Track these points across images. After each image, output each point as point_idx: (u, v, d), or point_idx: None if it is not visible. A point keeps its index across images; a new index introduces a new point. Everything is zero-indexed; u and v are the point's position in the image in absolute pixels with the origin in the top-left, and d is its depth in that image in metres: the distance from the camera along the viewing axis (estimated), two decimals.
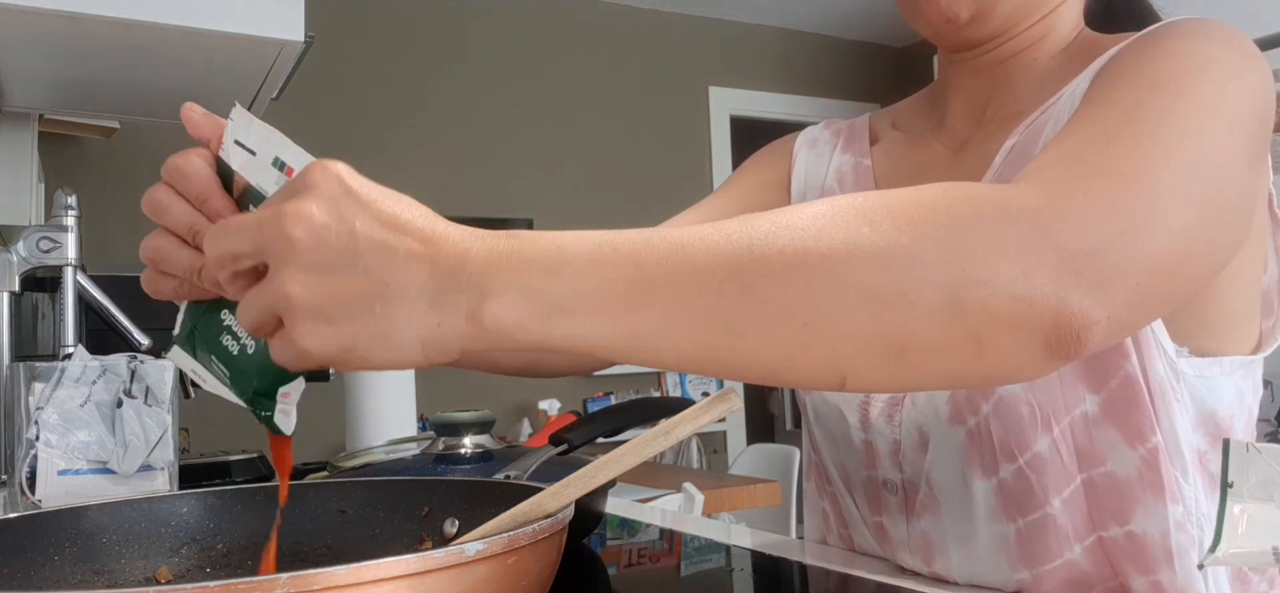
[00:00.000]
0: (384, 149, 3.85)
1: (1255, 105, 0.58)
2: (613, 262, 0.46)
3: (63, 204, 1.14)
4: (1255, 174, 0.59)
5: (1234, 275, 0.66)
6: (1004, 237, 0.46)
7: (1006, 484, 0.69)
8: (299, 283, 0.44)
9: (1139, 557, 0.66)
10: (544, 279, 0.45)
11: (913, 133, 0.85)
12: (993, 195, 0.48)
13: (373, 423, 1.60)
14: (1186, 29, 0.61)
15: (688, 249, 0.46)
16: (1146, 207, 0.50)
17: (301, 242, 0.44)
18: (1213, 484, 0.68)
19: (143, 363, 0.84)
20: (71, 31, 1.08)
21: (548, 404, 3.95)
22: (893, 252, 0.45)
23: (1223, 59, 0.58)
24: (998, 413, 0.68)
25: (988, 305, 0.45)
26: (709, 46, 4.73)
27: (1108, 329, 0.47)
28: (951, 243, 0.46)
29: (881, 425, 0.76)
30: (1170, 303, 0.54)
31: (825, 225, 0.46)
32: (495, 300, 0.45)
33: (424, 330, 0.45)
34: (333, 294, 0.44)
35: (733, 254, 0.46)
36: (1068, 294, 0.46)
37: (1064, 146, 0.54)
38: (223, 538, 0.62)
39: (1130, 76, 0.59)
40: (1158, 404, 0.65)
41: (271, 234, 0.45)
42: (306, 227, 0.44)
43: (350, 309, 0.45)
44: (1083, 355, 0.47)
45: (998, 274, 0.45)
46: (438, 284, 0.45)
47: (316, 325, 0.45)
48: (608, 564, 0.87)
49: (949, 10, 0.72)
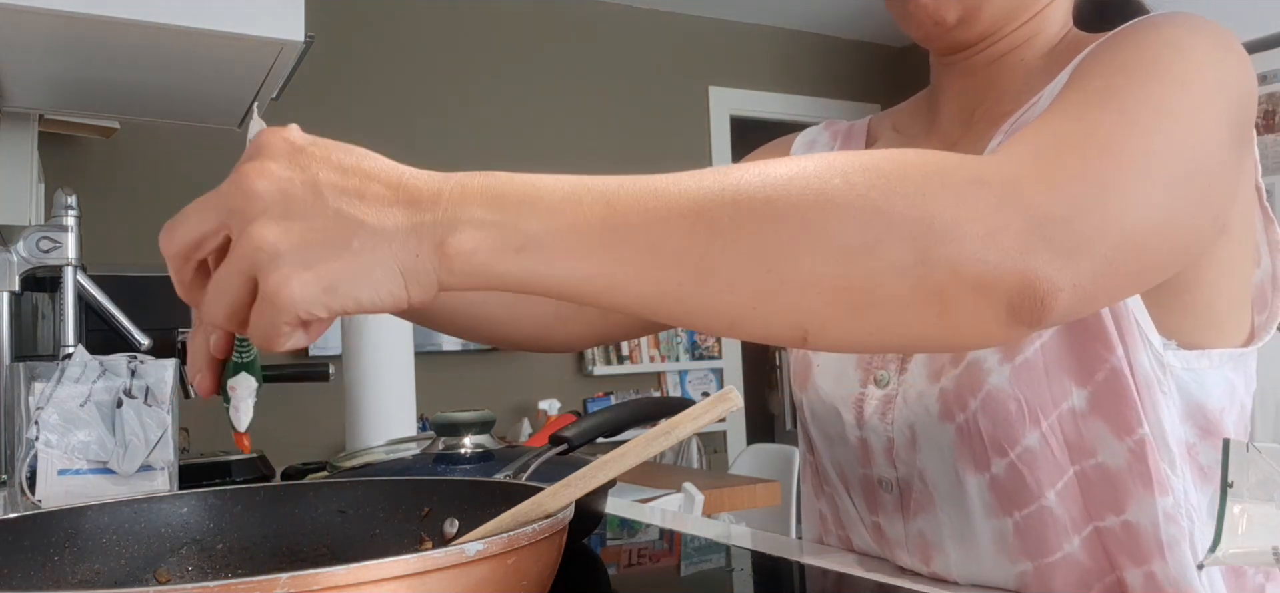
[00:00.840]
0: (384, 149, 3.83)
1: (1233, 89, 0.58)
2: (586, 201, 0.46)
3: (63, 204, 1.14)
4: (1236, 157, 0.59)
5: (1222, 268, 0.67)
6: (974, 198, 0.46)
7: (999, 479, 0.69)
8: (271, 230, 0.44)
9: (1133, 548, 0.66)
10: (517, 214, 0.45)
11: (908, 135, 0.86)
12: (967, 161, 0.49)
13: (373, 423, 1.60)
14: (1164, 20, 0.62)
15: (660, 192, 0.46)
16: (1118, 180, 0.50)
17: (267, 193, 0.44)
18: (1203, 476, 0.69)
19: (143, 363, 0.84)
20: (71, 31, 1.08)
21: (548, 404, 3.95)
22: (862, 205, 0.46)
23: (1199, 45, 0.58)
24: (986, 409, 0.68)
25: (953, 264, 0.45)
26: (709, 46, 4.73)
27: (1072, 297, 0.47)
28: (921, 200, 0.46)
29: (876, 423, 0.76)
30: (1142, 279, 0.54)
31: (798, 176, 0.47)
32: (469, 232, 0.45)
33: (403, 260, 0.45)
34: (307, 237, 0.44)
35: (705, 198, 0.46)
36: (1033, 260, 0.46)
37: (1039, 125, 0.54)
38: (223, 538, 0.62)
39: (1106, 63, 0.59)
40: (1144, 396, 0.65)
41: (234, 196, 0.45)
42: (269, 181, 0.44)
43: (328, 248, 0.44)
44: (1046, 324, 0.47)
45: (964, 234, 0.45)
46: (412, 218, 0.45)
47: (296, 271, 0.44)
48: (608, 564, 0.87)
49: (937, 13, 0.72)
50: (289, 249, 0.44)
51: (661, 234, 0.45)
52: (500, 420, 3.79)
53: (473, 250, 0.45)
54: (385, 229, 0.45)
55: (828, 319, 0.47)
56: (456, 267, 0.45)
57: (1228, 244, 0.66)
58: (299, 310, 0.44)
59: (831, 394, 0.80)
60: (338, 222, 0.44)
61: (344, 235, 0.44)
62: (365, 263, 0.44)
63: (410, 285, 0.45)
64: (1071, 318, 0.50)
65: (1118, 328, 0.65)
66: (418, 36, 4.02)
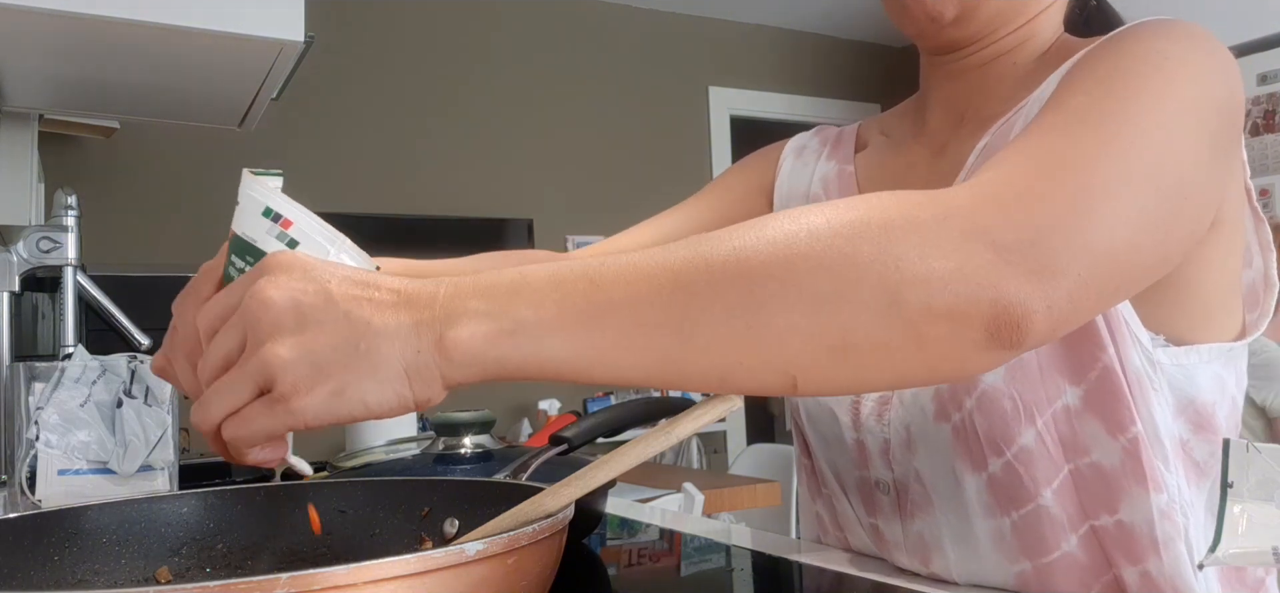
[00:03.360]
0: (384, 149, 3.85)
1: (1214, 99, 0.58)
2: (569, 281, 0.48)
3: (63, 204, 1.14)
4: (1217, 167, 0.59)
5: (1208, 266, 0.67)
6: (937, 233, 0.47)
7: (996, 478, 0.69)
8: (285, 344, 0.47)
9: (1128, 546, 0.67)
10: (507, 301, 0.48)
11: (897, 138, 0.86)
12: (929, 197, 0.50)
13: (373, 423, 1.60)
14: (1148, 29, 0.62)
15: (639, 266, 0.48)
16: (1086, 198, 0.50)
17: (281, 305, 0.47)
18: (1197, 472, 0.69)
19: (143, 363, 0.84)
20: (71, 31, 1.08)
21: (548, 404, 3.95)
22: (828, 254, 0.47)
23: (1179, 55, 0.59)
24: (981, 408, 0.68)
25: (925, 301, 0.46)
26: (709, 46, 4.73)
27: (1048, 318, 0.48)
28: (886, 243, 0.47)
29: (872, 425, 0.76)
30: (1120, 292, 0.54)
31: (766, 235, 0.49)
32: (464, 324, 0.47)
33: (407, 357, 0.47)
34: (317, 344, 0.47)
35: (679, 266, 0.48)
36: (1004, 285, 0.47)
37: (1013, 147, 0.55)
38: (223, 538, 0.62)
39: (1085, 79, 0.59)
40: (1136, 394, 0.66)
41: (251, 308, 0.47)
42: (282, 291, 0.47)
43: (338, 351, 0.47)
44: (1029, 345, 0.48)
45: (931, 270, 0.46)
46: (413, 318, 0.48)
47: (306, 377, 0.46)
48: (608, 564, 0.87)
49: (934, 8, 0.72)
50: (301, 359, 0.46)
51: (643, 305, 0.48)
52: (500, 420, 3.79)
53: (469, 339, 0.47)
54: (389, 329, 0.47)
55: (811, 366, 0.48)
56: (455, 357, 0.47)
57: (1216, 241, 0.66)
58: (308, 418, 0.47)
59: (827, 398, 0.80)
60: (347, 324, 0.47)
61: (352, 337, 0.47)
62: (371, 364, 0.47)
63: (414, 383, 0.48)
64: (1054, 336, 0.50)
65: (1108, 327, 0.65)
66: (418, 36, 4.02)
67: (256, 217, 0.57)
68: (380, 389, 0.47)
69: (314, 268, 0.49)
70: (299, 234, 0.57)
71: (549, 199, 4.22)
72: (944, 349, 0.47)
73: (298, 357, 0.46)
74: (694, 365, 0.48)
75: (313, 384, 0.46)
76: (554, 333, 0.47)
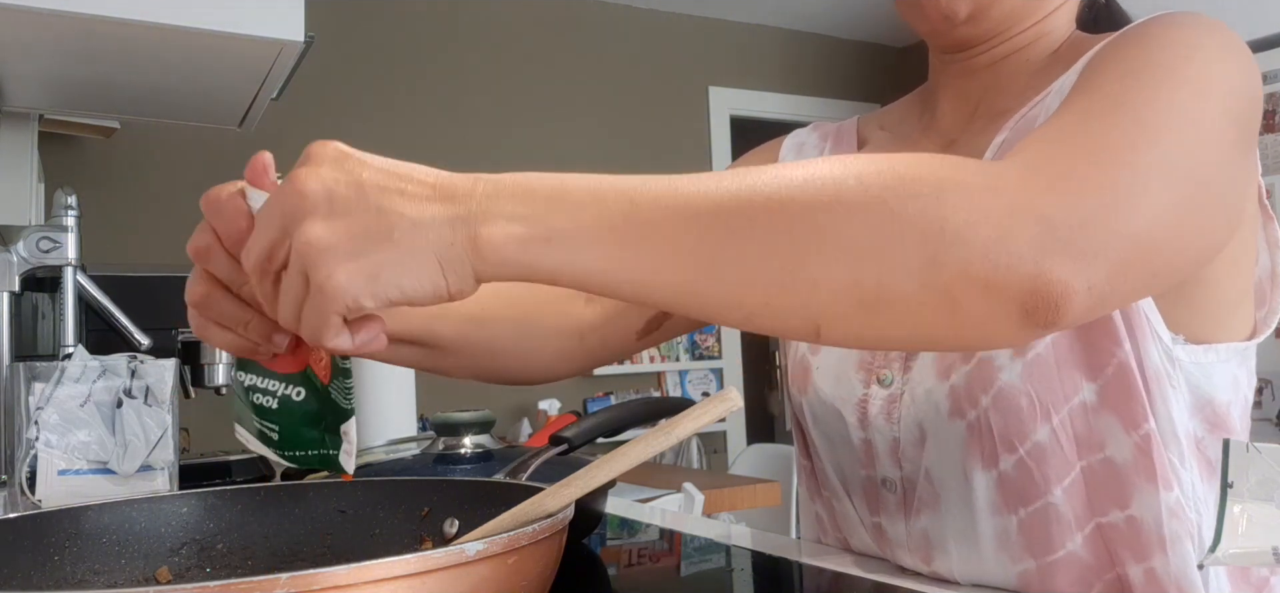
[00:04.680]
0: (384, 149, 3.82)
1: (1241, 92, 0.58)
2: (610, 197, 0.48)
3: (63, 204, 1.14)
4: (1245, 160, 0.59)
5: (1227, 263, 0.67)
6: (986, 202, 0.47)
7: (1007, 476, 0.69)
8: (319, 228, 0.47)
9: (1135, 543, 0.67)
10: (545, 208, 0.48)
11: (900, 134, 0.86)
12: (981, 167, 0.50)
13: (373, 423, 1.60)
14: (1171, 21, 0.62)
15: (681, 191, 0.48)
16: (1130, 183, 0.50)
17: (315, 194, 0.47)
18: (1210, 470, 0.69)
19: (143, 363, 0.84)
20: (71, 31, 1.08)
21: (548, 404, 3.95)
22: (874, 206, 0.47)
23: (1207, 46, 0.59)
24: (997, 405, 0.68)
25: (964, 266, 0.46)
26: (709, 46, 4.73)
27: (1087, 300, 0.47)
28: (933, 203, 0.47)
29: (880, 423, 0.76)
30: (1157, 280, 0.54)
31: (813, 178, 0.48)
32: (500, 224, 0.47)
33: (440, 249, 0.47)
34: (352, 231, 0.47)
35: (723, 197, 0.48)
36: (1046, 262, 0.46)
37: (1049, 130, 0.55)
38: (223, 538, 0.62)
39: (1116, 66, 0.59)
40: (1152, 390, 0.66)
41: (288, 198, 0.48)
42: (316, 181, 0.47)
43: (371, 240, 0.47)
44: (1061, 326, 0.48)
45: (976, 236, 0.46)
46: (448, 211, 0.48)
47: (341, 262, 0.47)
48: (608, 564, 0.87)
49: (948, 7, 0.72)
50: (335, 242, 0.47)
51: (680, 231, 0.47)
52: (500, 420, 3.79)
53: (503, 241, 0.47)
54: (423, 220, 0.47)
55: (839, 316, 0.48)
56: (489, 256, 0.47)
57: (1232, 241, 0.66)
58: (347, 299, 0.47)
59: (832, 396, 0.80)
60: (380, 216, 0.47)
61: (385, 227, 0.47)
62: (405, 251, 0.47)
63: (448, 274, 0.48)
64: (1089, 319, 0.50)
65: (1126, 323, 0.65)
66: (418, 36, 4.02)
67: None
68: (417, 276, 0.47)
69: (348, 158, 0.49)
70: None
71: None
72: (976, 317, 0.47)
73: (330, 243, 0.46)
74: (721, 298, 0.48)
75: (349, 271, 0.46)
76: (588, 246, 0.47)
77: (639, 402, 0.92)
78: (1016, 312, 0.47)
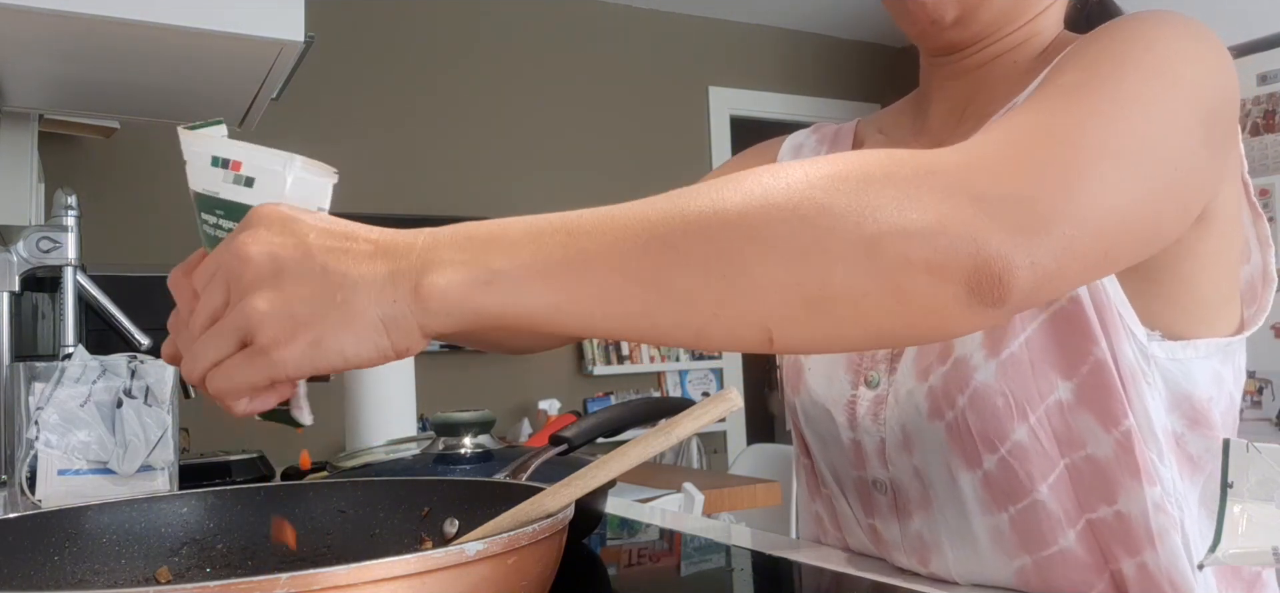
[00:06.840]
0: (384, 149, 3.85)
1: (1208, 85, 0.58)
2: (547, 233, 0.49)
3: (63, 204, 1.14)
4: (1210, 153, 0.59)
5: (1204, 261, 0.67)
6: (919, 187, 0.47)
7: (991, 475, 0.69)
8: (264, 297, 0.47)
9: (1125, 538, 0.67)
10: (483, 251, 0.48)
11: (894, 137, 0.86)
12: (912, 154, 0.50)
13: (373, 423, 1.60)
14: (1142, 16, 0.62)
15: (617, 219, 0.49)
16: (1078, 164, 0.50)
17: (259, 260, 0.48)
18: (1191, 466, 0.69)
19: (143, 363, 0.84)
20: (71, 31, 1.08)
21: (548, 404, 3.95)
22: (805, 205, 0.47)
23: (1174, 40, 0.59)
24: (973, 405, 0.68)
25: (903, 252, 0.46)
26: (709, 46, 4.73)
27: (1031, 276, 0.47)
28: (864, 194, 0.47)
29: (867, 424, 0.76)
30: (1108, 262, 0.54)
31: (743, 187, 0.49)
32: (440, 272, 0.48)
33: (383, 307, 0.48)
34: (295, 296, 0.47)
35: (657, 218, 0.48)
36: (985, 238, 0.46)
37: (1002, 119, 0.55)
38: (223, 538, 0.62)
39: (1080, 57, 0.59)
40: (1129, 388, 0.66)
41: (231, 264, 0.48)
42: (260, 247, 0.48)
43: (314, 306, 0.47)
44: (1012, 304, 0.47)
45: (910, 222, 0.46)
46: (389, 267, 0.48)
47: (284, 329, 0.47)
48: (608, 564, 0.87)
49: (935, 11, 0.73)
50: (280, 311, 0.47)
51: (619, 257, 0.48)
52: (500, 420, 3.79)
53: (445, 288, 0.48)
54: (365, 279, 0.48)
55: (788, 319, 0.48)
56: (433, 306, 0.48)
57: (1210, 238, 0.66)
58: (289, 371, 0.48)
59: (824, 397, 0.80)
60: (324, 277, 0.48)
61: (329, 289, 0.47)
62: (348, 315, 0.47)
63: (392, 334, 0.48)
64: (1039, 298, 0.50)
65: (1101, 321, 0.65)
66: (418, 36, 4.02)
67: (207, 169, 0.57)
68: (357, 340, 0.48)
69: (293, 221, 0.49)
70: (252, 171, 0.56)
71: (548, 200, 4.21)
72: (925, 304, 0.47)
73: (276, 309, 0.47)
74: (670, 319, 0.48)
75: (291, 336, 0.47)
76: (529, 283, 0.48)
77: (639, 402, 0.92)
78: (963, 292, 0.47)
